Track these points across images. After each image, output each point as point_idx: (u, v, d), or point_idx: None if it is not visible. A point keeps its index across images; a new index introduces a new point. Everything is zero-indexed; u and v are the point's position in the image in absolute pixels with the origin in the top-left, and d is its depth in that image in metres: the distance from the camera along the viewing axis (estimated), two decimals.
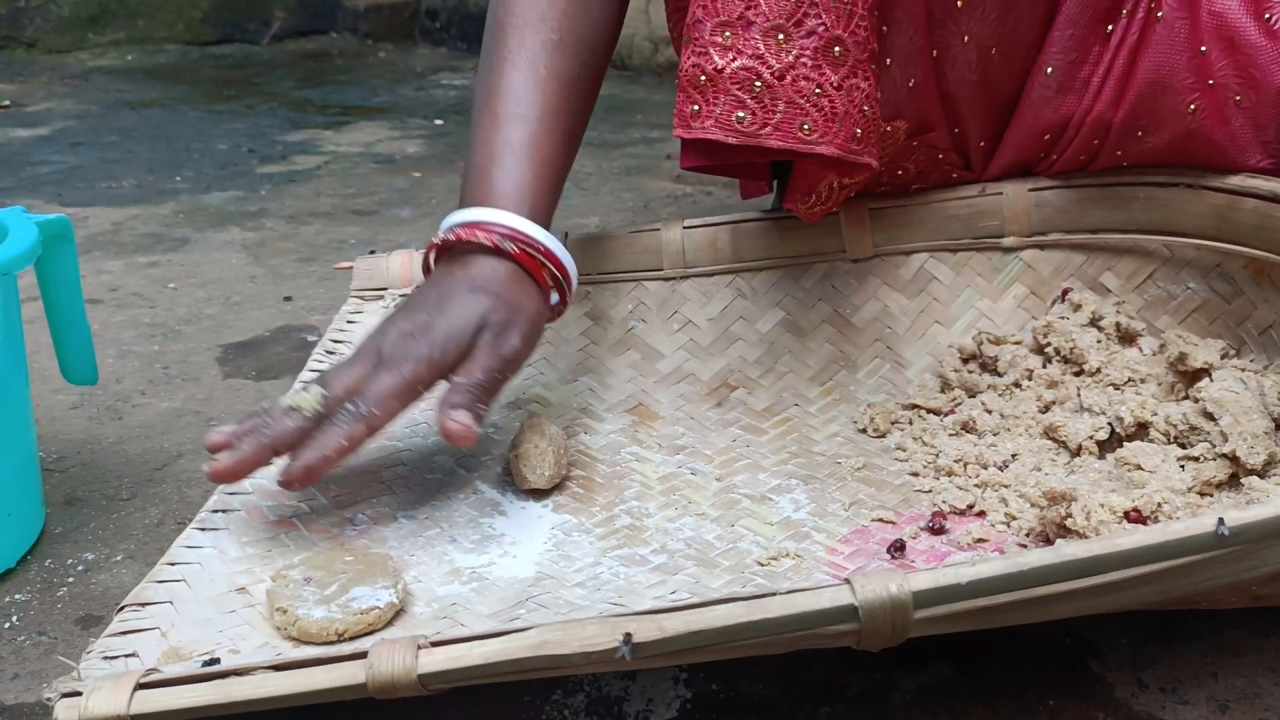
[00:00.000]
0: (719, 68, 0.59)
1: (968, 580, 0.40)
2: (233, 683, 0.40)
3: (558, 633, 0.40)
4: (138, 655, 0.47)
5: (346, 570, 0.52)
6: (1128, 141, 0.69)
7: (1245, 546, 0.41)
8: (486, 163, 0.63)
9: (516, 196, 0.61)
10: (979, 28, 0.66)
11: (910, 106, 0.69)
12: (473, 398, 0.55)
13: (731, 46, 0.58)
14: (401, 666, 0.40)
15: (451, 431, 0.53)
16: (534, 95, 0.64)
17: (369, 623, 0.49)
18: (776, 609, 0.40)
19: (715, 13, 0.59)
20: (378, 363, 0.56)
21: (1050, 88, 0.68)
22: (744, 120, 0.59)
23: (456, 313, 0.57)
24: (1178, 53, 0.65)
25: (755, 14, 0.58)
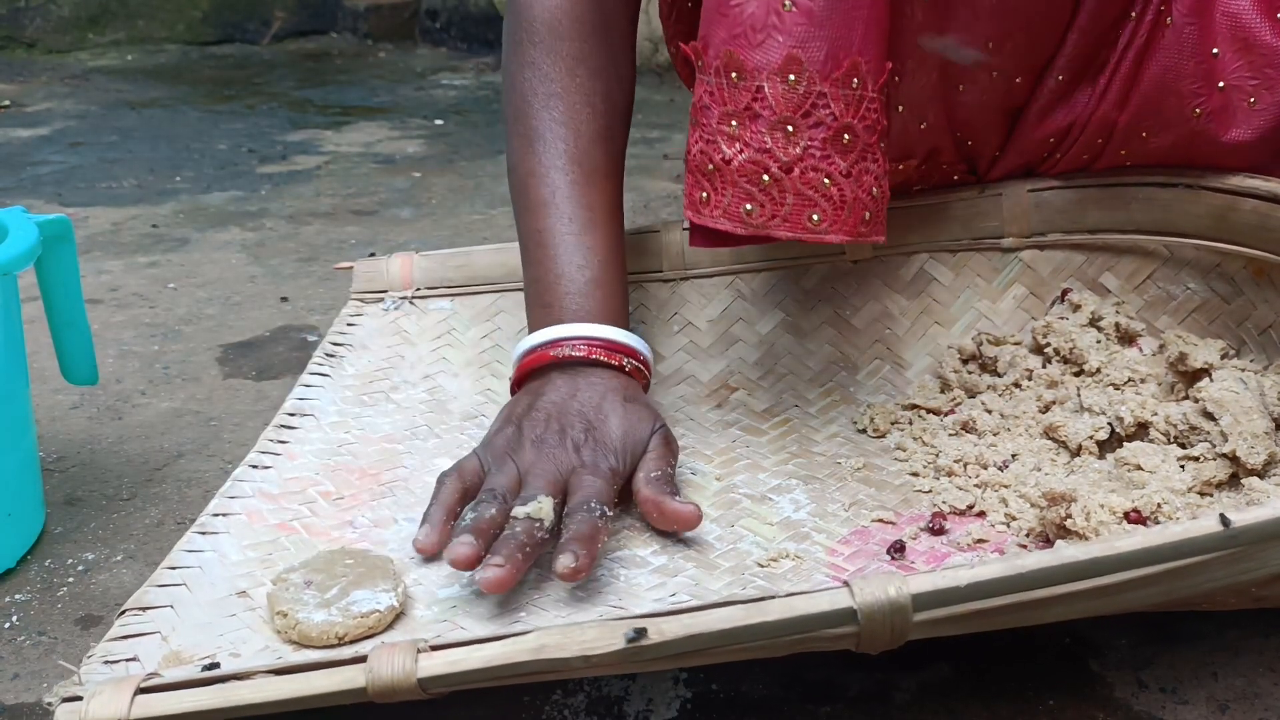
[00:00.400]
0: (727, 158, 0.58)
1: (967, 583, 0.40)
2: (233, 687, 0.41)
3: (557, 636, 0.40)
4: (138, 659, 0.47)
5: (347, 573, 0.51)
6: (1132, 142, 0.69)
7: (1245, 548, 0.41)
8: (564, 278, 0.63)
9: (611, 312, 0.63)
10: (1007, 63, 0.66)
11: (921, 144, 0.69)
12: (670, 485, 0.57)
13: (738, 137, 0.58)
14: (401, 671, 0.40)
15: (684, 514, 0.55)
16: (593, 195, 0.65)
17: (369, 626, 0.49)
18: (775, 612, 0.40)
19: (722, 101, 0.58)
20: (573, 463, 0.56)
21: (1058, 93, 0.68)
22: (752, 213, 0.58)
23: (628, 423, 0.58)
24: (1185, 58, 0.65)
25: (762, 107, 0.57)
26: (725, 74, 0.57)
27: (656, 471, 0.57)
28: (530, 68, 0.66)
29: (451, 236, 1.26)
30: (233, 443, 0.78)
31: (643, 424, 0.59)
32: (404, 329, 0.75)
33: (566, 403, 0.59)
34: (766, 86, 0.56)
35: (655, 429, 0.59)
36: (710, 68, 0.58)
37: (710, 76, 0.58)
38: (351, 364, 0.72)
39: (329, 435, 0.66)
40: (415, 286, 0.77)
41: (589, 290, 0.63)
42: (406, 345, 0.75)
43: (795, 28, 0.56)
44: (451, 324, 0.76)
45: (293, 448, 0.64)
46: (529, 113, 0.66)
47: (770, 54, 0.56)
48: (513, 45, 0.68)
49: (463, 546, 0.50)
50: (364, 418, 0.68)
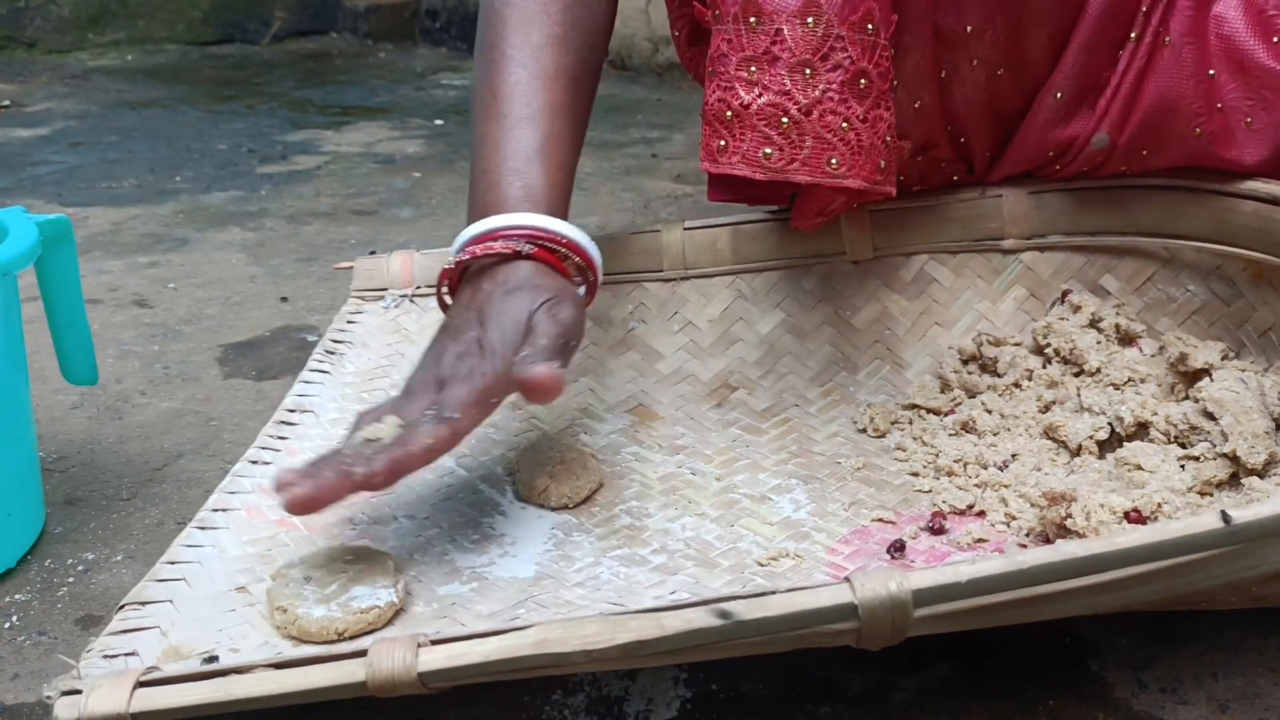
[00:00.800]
0: (745, 103, 0.58)
1: (967, 579, 0.40)
2: (233, 680, 0.40)
3: (558, 631, 0.40)
4: (138, 654, 0.47)
5: (346, 570, 0.52)
6: (1132, 160, 0.69)
7: (1245, 545, 0.42)
8: (497, 168, 0.61)
9: (530, 199, 0.60)
10: (988, 51, 0.66)
11: (916, 127, 0.69)
12: (545, 355, 0.53)
13: (757, 82, 0.58)
14: (402, 664, 0.40)
15: (539, 378, 0.51)
16: (541, 95, 0.62)
17: (369, 622, 0.49)
18: (776, 607, 0.40)
19: (740, 48, 0.58)
20: (441, 384, 0.54)
21: (1058, 111, 0.68)
22: (771, 156, 0.58)
23: (504, 318, 0.55)
24: (1185, 78, 0.65)
25: (781, 49, 0.57)
26: (744, 19, 0.58)
27: (526, 350, 0.53)
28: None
29: (451, 236, 1.24)
30: (233, 443, 0.78)
31: (521, 310, 0.55)
32: (404, 327, 0.75)
33: (457, 317, 0.57)
34: (786, 29, 0.57)
35: (536, 308, 0.55)
36: (728, 15, 0.58)
37: (728, 24, 0.58)
38: (351, 361, 0.72)
39: (328, 432, 0.66)
40: (415, 284, 0.77)
41: (507, 182, 0.60)
42: (406, 343, 0.75)
43: None
44: None
45: (292, 444, 0.64)
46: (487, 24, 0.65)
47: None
48: None
49: (285, 473, 0.49)
50: None
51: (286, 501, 0.47)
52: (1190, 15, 0.64)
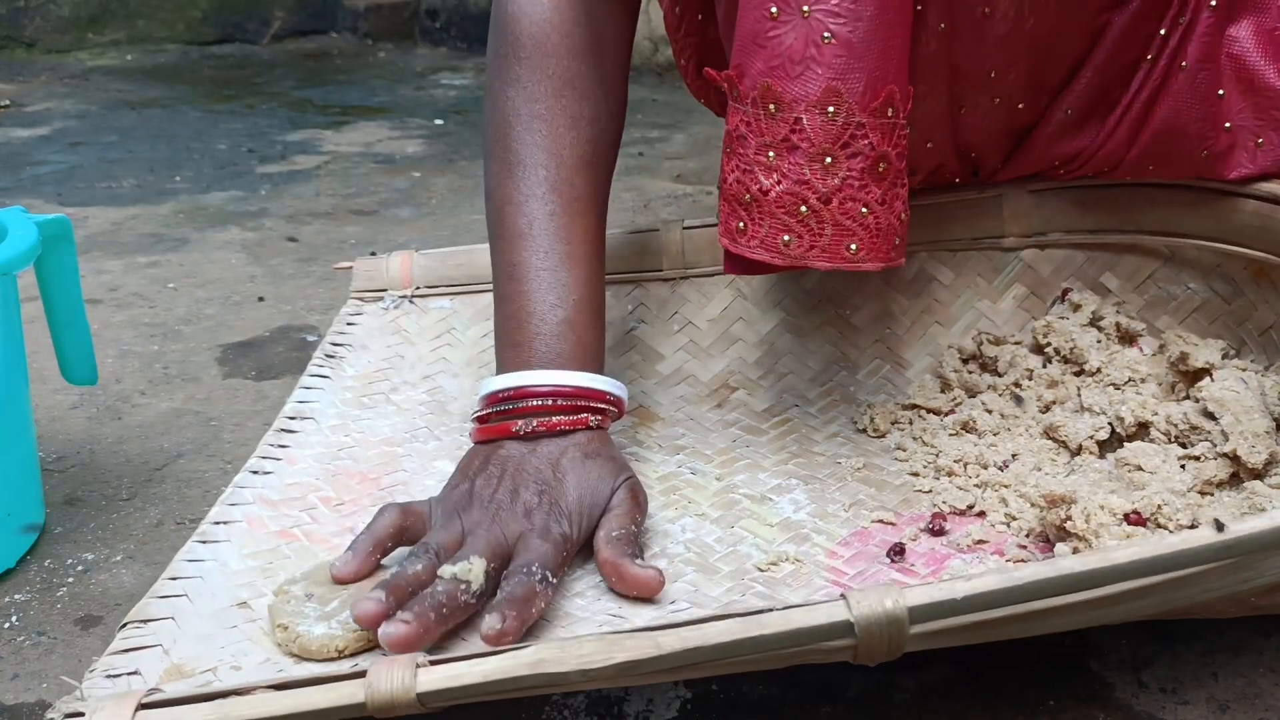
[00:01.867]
0: (764, 189, 0.57)
1: (963, 595, 0.40)
2: (233, 702, 0.41)
3: (555, 650, 0.41)
4: (140, 673, 0.47)
5: (348, 586, 0.51)
6: (1137, 173, 0.69)
7: (1243, 558, 0.41)
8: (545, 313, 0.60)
9: (583, 354, 0.60)
10: (1011, 90, 0.66)
11: (926, 161, 0.69)
12: (633, 545, 0.54)
13: (776, 168, 0.56)
14: (401, 686, 0.41)
15: (647, 579, 0.52)
16: (578, 227, 0.62)
17: (369, 639, 0.49)
18: (773, 625, 0.40)
19: (759, 132, 0.57)
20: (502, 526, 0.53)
21: (1066, 126, 0.68)
22: (790, 244, 0.57)
23: (585, 485, 0.55)
24: (1196, 102, 0.64)
25: (800, 139, 0.56)
26: (762, 105, 0.56)
27: (618, 530, 0.54)
28: (514, 85, 0.64)
29: (451, 236, 1.26)
30: (233, 443, 0.78)
31: (603, 481, 0.56)
32: (404, 328, 0.75)
33: (523, 460, 0.56)
34: (805, 119, 0.55)
35: (618, 484, 0.56)
36: (747, 98, 0.57)
37: (747, 106, 0.57)
38: (351, 364, 0.72)
39: (329, 439, 0.66)
40: (415, 285, 0.77)
41: (560, 331, 0.60)
42: (406, 345, 0.74)
43: (834, 60, 0.55)
44: (451, 323, 0.76)
45: (293, 452, 0.64)
46: (510, 134, 0.63)
47: (809, 86, 0.55)
48: (497, 60, 0.65)
49: (369, 602, 0.47)
50: (364, 420, 0.68)
51: (388, 640, 0.46)
52: (1207, 40, 0.64)
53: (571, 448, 0.57)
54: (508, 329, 0.61)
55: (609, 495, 0.56)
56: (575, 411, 0.58)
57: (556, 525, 0.53)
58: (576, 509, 0.55)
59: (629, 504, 0.56)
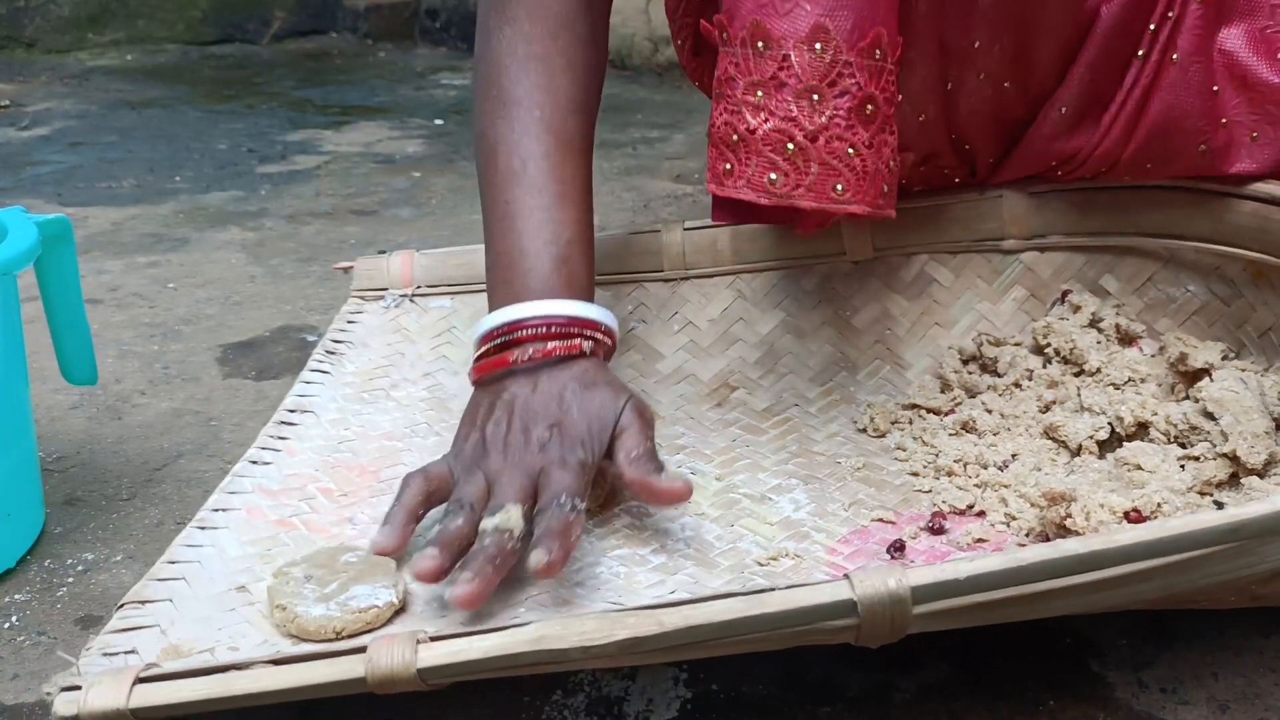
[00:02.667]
0: (751, 128, 0.57)
1: (966, 575, 0.40)
2: (232, 677, 0.41)
3: (556, 627, 0.40)
4: (137, 652, 0.47)
5: (348, 569, 0.52)
6: (1135, 172, 0.69)
7: (1244, 543, 0.42)
8: (539, 249, 0.61)
9: (574, 286, 0.61)
10: (995, 65, 0.66)
11: (920, 139, 0.69)
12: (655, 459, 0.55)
13: (764, 107, 0.57)
14: (401, 661, 0.40)
15: (676, 490, 0.54)
16: (569, 167, 0.63)
17: (367, 621, 0.49)
18: (775, 604, 0.40)
19: (748, 72, 0.57)
20: (514, 461, 0.55)
21: (1061, 125, 0.68)
22: (777, 182, 0.57)
23: (591, 411, 0.56)
24: (1191, 96, 0.65)
25: (788, 75, 0.56)
26: (751, 44, 0.57)
27: (636, 450, 0.55)
28: (511, 24, 0.64)
29: (451, 236, 1.26)
30: (233, 443, 0.78)
31: (607, 406, 0.57)
32: (404, 326, 0.75)
33: (528, 400, 0.57)
34: (793, 55, 0.56)
35: (623, 406, 0.57)
36: (736, 39, 0.58)
37: (736, 48, 0.58)
38: (352, 361, 0.72)
39: (329, 432, 0.66)
40: (416, 284, 0.77)
41: (555, 268, 0.60)
42: (407, 343, 0.75)
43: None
44: (452, 322, 0.76)
45: (293, 444, 0.64)
46: (504, 74, 0.64)
47: (798, 22, 0.56)
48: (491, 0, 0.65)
49: (427, 560, 0.49)
50: (364, 415, 0.68)
51: (459, 601, 0.48)
52: (1199, 35, 0.64)
53: (571, 380, 0.58)
54: (500, 265, 0.62)
55: (616, 418, 0.57)
56: (569, 338, 0.58)
57: (572, 454, 0.55)
58: (587, 435, 0.56)
59: (638, 423, 0.57)
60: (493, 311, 0.60)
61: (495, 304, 0.61)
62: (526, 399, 0.57)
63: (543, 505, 0.52)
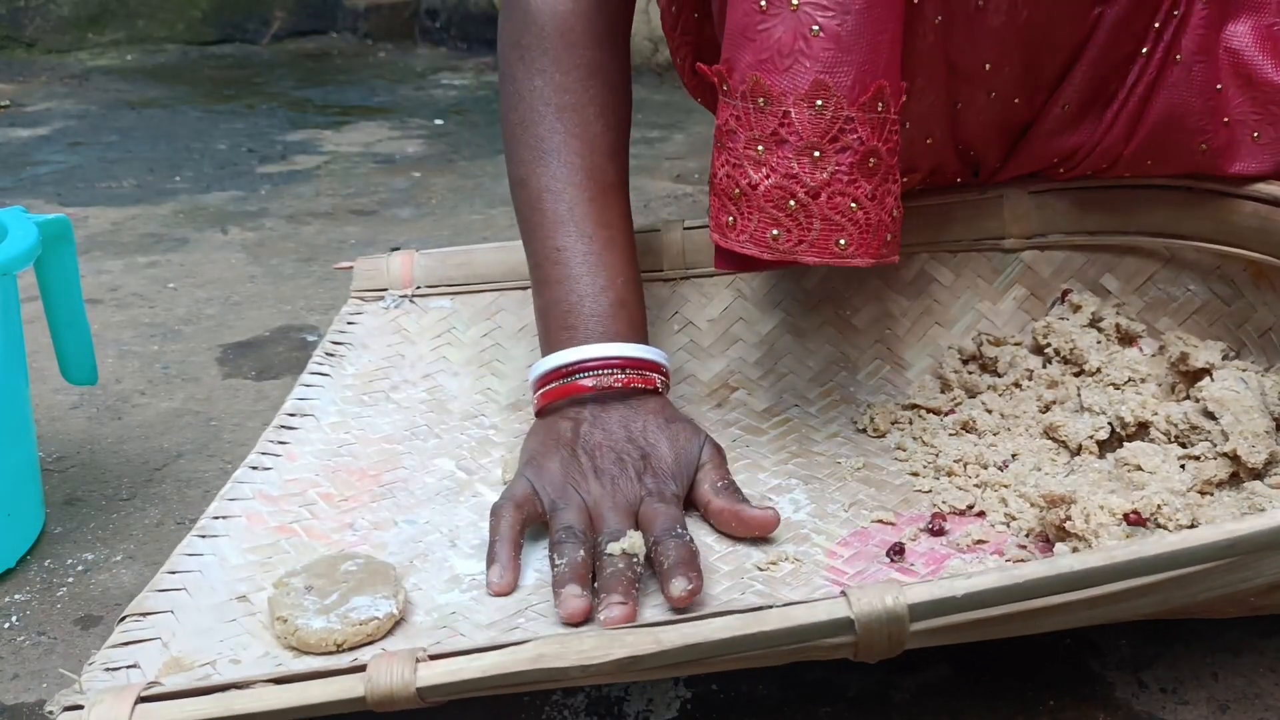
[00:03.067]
0: (753, 183, 0.57)
1: (963, 592, 0.40)
2: (232, 696, 0.41)
3: (555, 645, 0.40)
4: (139, 666, 0.47)
5: (348, 579, 0.51)
6: (1136, 167, 0.69)
7: (1243, 558, 0.41)
8: (598, 293, 0.62)
9: (634, 329, 0.63)
10: (1005, 84, 0.66)
11: (926, 159, 0.69)
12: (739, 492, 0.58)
13: (765, 162, 0.57)
14: (400, 680, 0.41)
15: (768, 519, 0.56)
16: (612, 211, 0.65)
17: (368, 633, 0.49)
18: (773, 622, 0.40)
19: (749, 126, 0.57)
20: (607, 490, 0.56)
21: (1063, 121, 0.68)
22: (779, 238, 0.57)
23: (678, 446, 0.58)
24: (1193, 95, 0.65)
25: (789, 132, 0.56)
26: (751, 99, 0.56)
27: (721, 482, 0.58)
28: (541, 75, 0.65)
29: (451, 236, 1.26)
30: (233, 443, 0.78)
31: (691, 442, 0.59)
32: (404, 327, 0.75)
33: (616, 430, 0.58)
34: (794, 112, 0.55)
35: (703, 442, 0.59)
36: (736, 92, 0.57)
37: (736, 100, 0.57)
38: (351, 363, 0.72)
39: (329, 436, 0.66)
40: (416, 284, 0.77)
41: (614, 312, 0.62)
42: (407, 344, 0.74)
43: (823, 53, 0.55)
44: (452, 322, 0.76)
45: (293, 448, 0.64)
46: (540, 124, 0.65)
47: (798, 79, 0.55)
48: (517, 51, 0.66)
49: (576, 600, 0.50)
50: (364, 418, 0.68)
51: (615, 622, 0.49)
52: (1202, 33, 0.64)
53: (650, 414, 0.59)
54: (558, 312, 0.63)
55: (698, 454, 0.59)
56: (643, 373, 0.60)
57: (668, 487, 0.56)
58: (674, 469, 0.58)
59: (718, 458, 0.59)
60: (556, 352, 0.61)
61: (555, 348, 0.62)
62: (610, 428, 0.58)
63: (659, 536, 0.53)
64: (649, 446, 0.58)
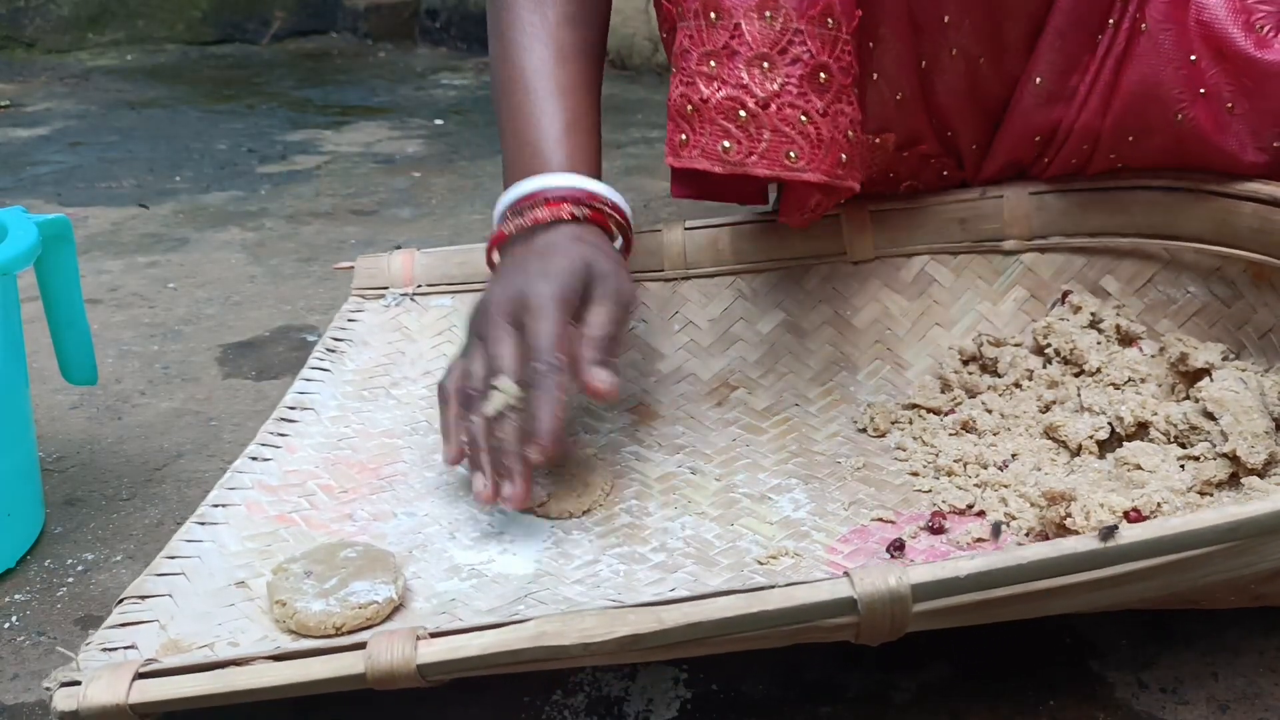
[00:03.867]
0: (705, 97, 0.59)
1: (966, 573, 0.40)
2: (232, 672, 0.41)
3: (556, 624, 0.40)
4: (136, 647, 0.47)
5: (347, 565, 0.52)
6: (1120, 146, 0.69)
7: (1244, 542, 0.42)
8: (536, 140, 0.64)
9: (572, 166, 0.63)
10: (967, 40, 0.66)
11: (898, 119, 0.69)
12: (606, 350, 0.56)
13: (716, 76, 0.59)
14: (400, 657, 0.40)
15: (599, 390, 0.54)
16: (563, 71, 0.66)
17: (367, 617, 0.50)
18: (775, 601, 0.40)
19: (701, 43, 0.59)
20: (520, 322, 0.56)
21: (1039, 96, 0.68)
22: (730, 150, 0.59)
23: (564, 261, 0.58)
24: (1164, 64, 0.65)
25: (739, 44, 0.58)
26: (704, 14, 0.58)
27: (593, 330, 0.56)
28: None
29: (451, 236, 1.26)
30: (233, 443, 0.78)
31: (575, 263, 0.58)
32: (404, 325, 0.75)
33: (520, 257, 0.60)
34: (744, 23, 0.57)
35: (591, 270, 0.58)
36: (690, 11, 0.59)
37: (690, 20, 0.59)
38: (352, 359, 0.72)
39: (329, 429, 0.66)
40: (416, 283, 0.77)
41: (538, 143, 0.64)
42: (407, 341, 0.75)
43: None
44: (452, 320, 0.76)
45: (293, 441, 0.64)
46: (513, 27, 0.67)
47: None
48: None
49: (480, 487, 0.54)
50: (364, 412, 0.68)
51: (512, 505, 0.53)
52: (1167, 2, 0.64)
53: (554, 238, 0.60)
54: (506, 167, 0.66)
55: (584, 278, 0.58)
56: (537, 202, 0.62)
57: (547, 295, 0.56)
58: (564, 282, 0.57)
59: (605, 300, 0.58)
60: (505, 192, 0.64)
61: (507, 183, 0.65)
62: (512, 261, 0.60)
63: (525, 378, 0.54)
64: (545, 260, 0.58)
